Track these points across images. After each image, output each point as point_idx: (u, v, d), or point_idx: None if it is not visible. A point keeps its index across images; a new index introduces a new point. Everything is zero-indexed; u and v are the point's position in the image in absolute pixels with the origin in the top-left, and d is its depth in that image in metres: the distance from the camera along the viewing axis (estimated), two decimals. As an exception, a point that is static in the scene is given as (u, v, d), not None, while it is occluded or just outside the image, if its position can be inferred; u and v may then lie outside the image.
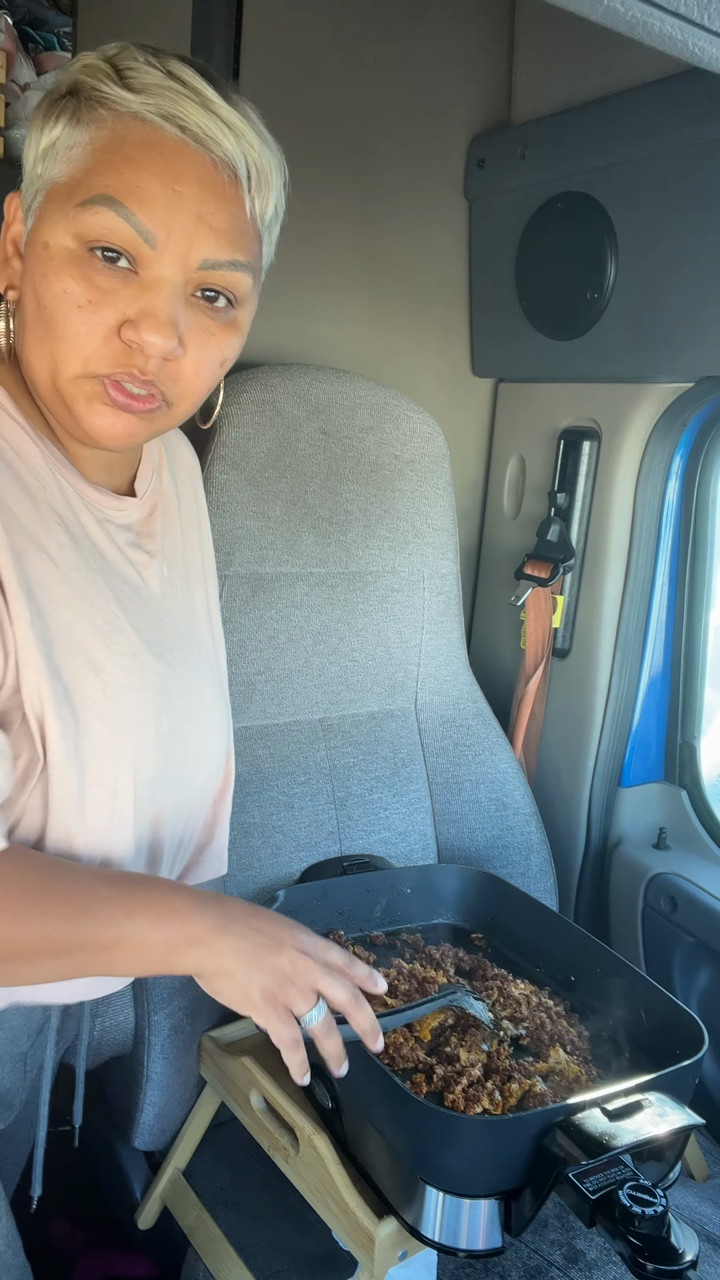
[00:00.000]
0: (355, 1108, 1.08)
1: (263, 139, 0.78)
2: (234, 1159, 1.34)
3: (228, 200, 0.76)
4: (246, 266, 0.79)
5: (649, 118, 1.41)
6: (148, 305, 0.74)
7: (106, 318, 0.74)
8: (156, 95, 0.73)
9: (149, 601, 0.87)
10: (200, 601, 0.97)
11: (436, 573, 1.60)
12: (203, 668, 0.93)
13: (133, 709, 0.80)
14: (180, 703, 0.87)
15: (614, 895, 1.74)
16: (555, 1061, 1.15)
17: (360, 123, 1.63)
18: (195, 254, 0.75)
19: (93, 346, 0.74)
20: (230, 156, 0.75)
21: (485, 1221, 0.98)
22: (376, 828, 1.53)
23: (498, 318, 1.78)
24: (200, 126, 0.73)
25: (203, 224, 0.74)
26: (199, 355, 0.79)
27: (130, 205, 0.72)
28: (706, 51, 0.64)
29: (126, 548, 0.87)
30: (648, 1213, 0.87)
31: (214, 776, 0.96)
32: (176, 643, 0.89)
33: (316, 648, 1.51)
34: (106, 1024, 1.27)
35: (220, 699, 0.96)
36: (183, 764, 0.88)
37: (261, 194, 0.79)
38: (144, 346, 0.74)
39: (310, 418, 1.43)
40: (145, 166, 0.72)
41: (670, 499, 1.65)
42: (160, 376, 0.77)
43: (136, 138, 0.73)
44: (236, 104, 0.76)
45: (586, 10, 0.59)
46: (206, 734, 0.92)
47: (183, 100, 0.73)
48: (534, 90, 1.69)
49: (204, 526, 1.02)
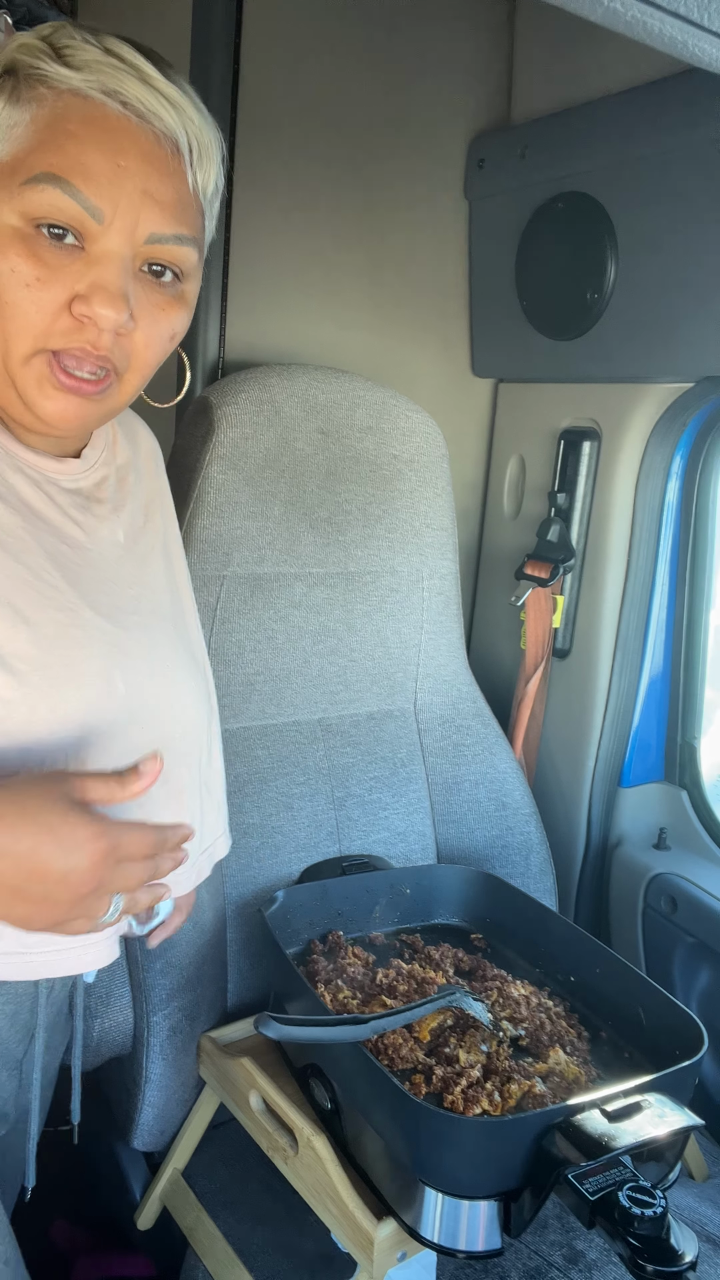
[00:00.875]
0: (354, 1109, 1.08)
1: (201, 113, 0.78)
2: (233, 1160, 1.34)
3: (171, 174, 0.77)
4: (192, 241, 0.80)
5: (649, 118, 1.41)
6: (97, 279, 0.74)
7: (56, 294, 0.74)
8: (96, 71, 0.73)
9: (97, 564, 0.87)
10: (159, 569, 0.97)
11: (436, 573, 1.60)
12: (166, 632, 0.92)
13: (74, 664, 0.80)
14: (141, 664, 0.86)
15: (614, 895, 1.74)
16: (555, 1062, 1.15)
17: (360, 123, 1.63)
18: (142, 228, 0.75)
19: (44, 323, 0.75)
20: (172, 130, 0.76)
21: (485, 1222, 0.98)
22: (376, 828, 1.53)
23: (498, 318, 1.78)
24: (141, 101, 0.74)
25: (148, 198, 0.75)
26: (149, 329, 0.79)
27: (76, 182, 0.72)
28: (706, 52, 0.64)
29: (71, 509, 0.87)
30: (647, 1214, 0.87)
31: (194, 740, 0.94)
32: (133, 606, 0.89)
33: (315, 648, 1.51)
34: (105, 1025, 1.27)
35: (192, 665, 0.95)
36: (154, 724, 0.87)
37: (204, 168, 0.80)
38: (96, 319, 0.75)
39: (309, 418, 1.43)
40: (88, 142, 0.73)
41: (670, 499, 1.65)
42: (113, 351, 0.77)
43: (78, 114, 0.73)
44: (174, 79, 0.76)
45: (586, 10, 0.59)
46: (178, 693, 0.91)
47: (122, 75, 0.73)
48: (534, 90, 1.69)
49: (166, 505, 1.02)
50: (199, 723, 0.94)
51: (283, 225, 1.59)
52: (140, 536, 0.95)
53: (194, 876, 0.99)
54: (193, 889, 1.03)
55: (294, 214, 1.60)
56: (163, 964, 1.27)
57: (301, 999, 1.19)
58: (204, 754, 0.97)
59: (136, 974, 1.27)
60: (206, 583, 1.39)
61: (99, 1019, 1.26)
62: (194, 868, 0.99)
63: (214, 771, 1.03)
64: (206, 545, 1.38)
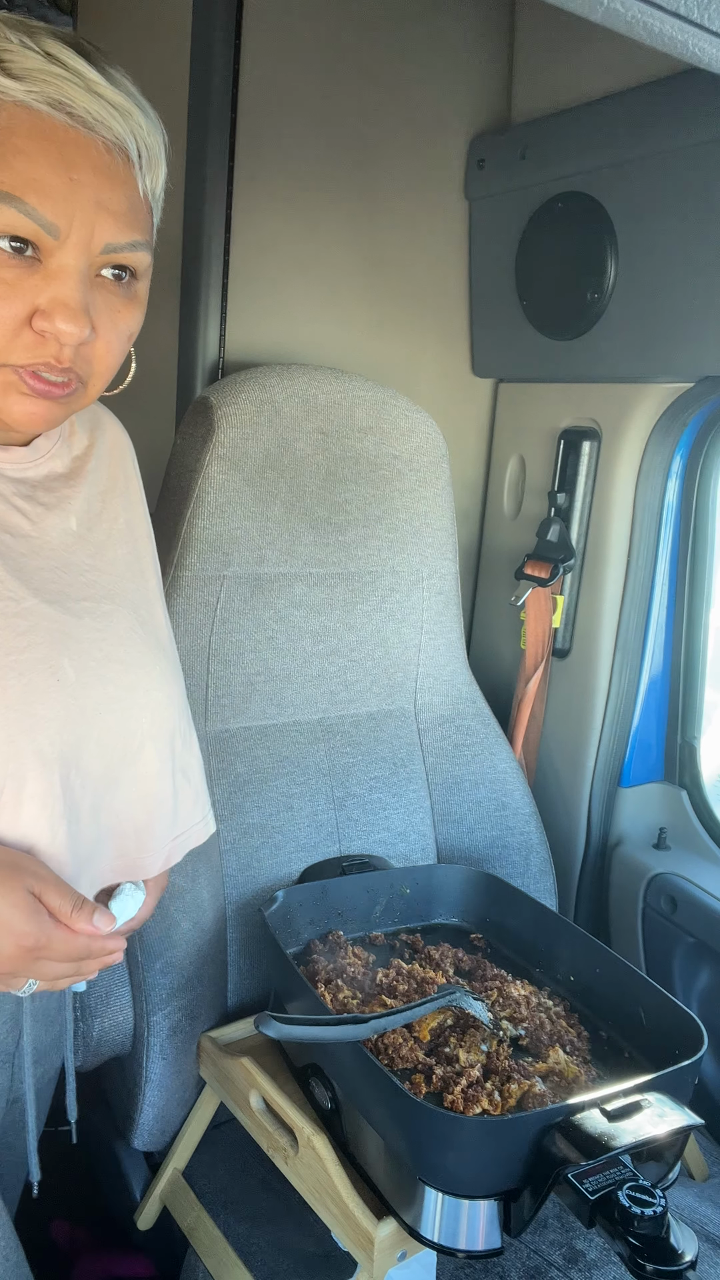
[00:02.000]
0: (354, 1108, 1.08)
1: (146, 115, 0.78)
2: (234, 1160, 1.34)
3: (122, 182, 0.76)
4: (144, 245, 0.80)
5: (649, 118, 1.41)
6: (57, 294, 0.75)
7: (16, 310, 0.74)
8: (40, 82, 0.72)
9: (43, 551, 0.87)
10: (123, 558, 0.96)
11: (436, 572, 1.60)
12: (124, 618, 0.92)
13: (16, 651, 0.80)
14: (94, 650, 0.86)
15: (614, 895, 1.74)
16: (554, 1062, 1.15)
17: (360, 122, 1.63)
18: (97, 239, 0.76)
19: (4, 339, 0.75)
20: (121, 138, 0.75)
21: (484, 1222, 0.98)
22: (376, 828, 1.53)
23: (498, 318, 1.78)
24: (89, 112, 0.73)
25: (102, 209, 0.75)
26: (109, 335, 0.80)
27: (31, 200, 0.72)
28: (706, 51, 0.64)
29: (15, 498, 0.87)
30: (647, 1213, 0.87)
31: (161, 724, 0.93)
32: (85, 593, 0.89)
33: (315, 648, 1.51)
34: (105, 1024, 1.27)
35: (156, 648, 0.95)
36: (114, 709, 0.87)
37: (153, 171, 0.80)
38: (58, 335, 0.75)
39: (309, 418, 1.43)
40: (38, 158, 0.72)
41: (670, 499, 1.65)
42: (76, 361, 0.78)
43: (25, 128, 0.72)
44: (117, 81, 0.75)
45: (586, 10, 0.59)
46: (138, 677, 0.90)
47: (68, 85, 0.72)
48: (534, 90, 1.69)
49: (131, 491, 1.02)
50: (166, 705, 0.93)
51: (283, 225, 1.59)
52: (97, 523, 0.95)
53: (162, 862, 0.97)
54: (164, 871, 1.02)
55: (294, 214, 1.60)
56: (163, 963, 1.27)
57: (302, 999, 1.19)
58: (176, 738, 0.95)
59: (136, 973, 1.27)
60: (206, 583, 1.39)
61: (99, 1018, 1.26)
62: (162, 853, 0.97)
63: (191, 755, 1.01)
64: (206, 545, 1.38)
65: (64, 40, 0.74)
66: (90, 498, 0.95)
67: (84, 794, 0.85)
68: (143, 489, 1.05)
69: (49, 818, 0.81)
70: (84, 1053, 1.26)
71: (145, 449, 1.06)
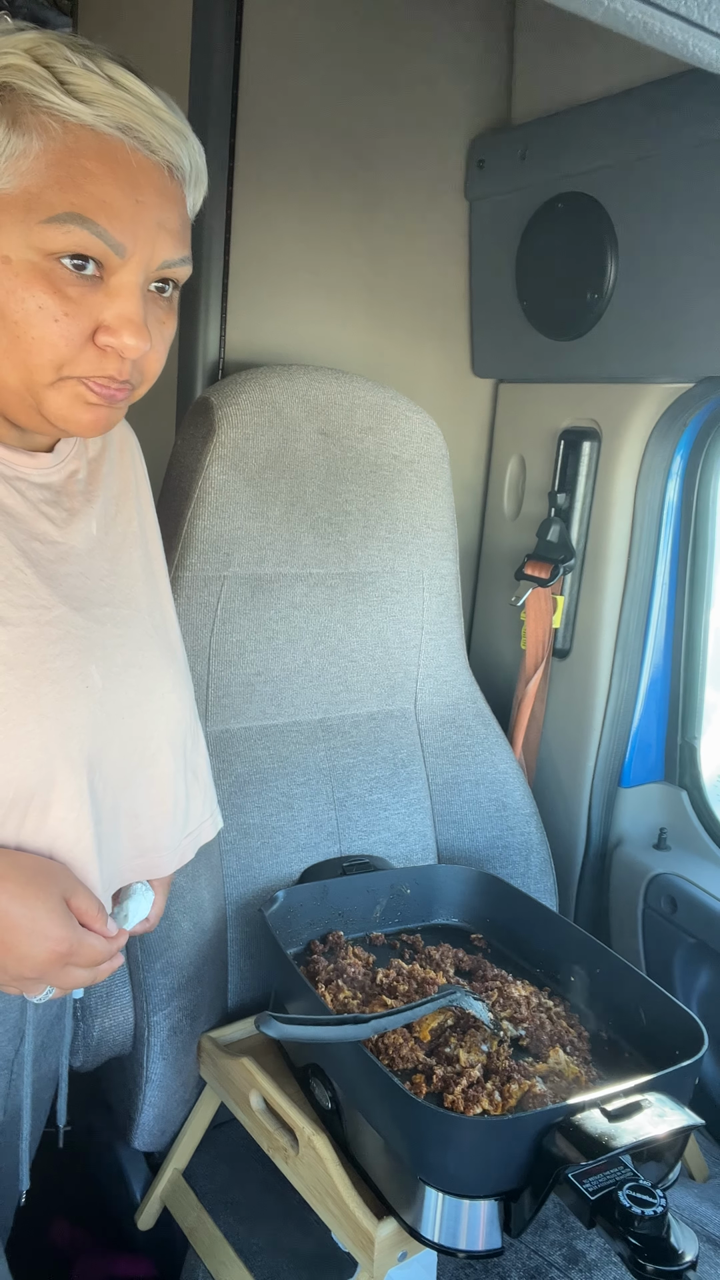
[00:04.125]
0: (355, 1108, 1.08)
1: (193, 135, 0.81)
2: (234, 1160, 1.34)
3: (178, 201, 0.80)
4: (189, 258, 0.83)
5: (649, 118, 1.41)
6: (123, 311, 0.77)
7: (82, 326, 0.76)
8: (109, 107, 0.74)
9: (70, 557, 0.89)
10: (138, 561, 0.98)
11: (436, 573, 1.60)
12: (141, 623, 0.94)
13: (49, 659, 0.81)
14: (117, 655, 0.88)
15: (614, 895, 1.74)
16: (555, 1062, 1.15)
17: (360, 123, 1.63)
18: (157, 257, 0.78)
19: (70, 353, 0.77)
20: (179, 160, 0.78)
21: (485, 1222, 0.98)
22: (376, 828, 1.53)
23: (498, 318, 1.78)
24: (154, 136, 0.76)
25: (161, 229, 0.78)
26: (158, 344, 0.82)
27: (101, 221, 0.74)
28: (706, 52, 0.64)
29: (42, 504, 0.88)
30: (647, 1213, 0.87)
31: (176, 725, 0.95)
32: (106, 598, 0.90)
33: (316, 648, 1.51)
34: (105, 1024, 1.27)
35: (168, 652, 0.96)
36: (134, 714, 0.88)
37: (198, 188, 0.83)
38: (123, 350, 0.77)
39: (309, 418, 1.43)
40: (107, 180, 0.74)
41: (670, 499, 1.65)
42: (132, 372, 0.81)
43: (94, 150, 0.74)
44: (169, 104, 0.78)
45: (586, 11, 0.59)
46: (155, 680, 0.92)
47: (134, 110, 0.75)
48: (534, 90, 1.69)
49: (141, 494, 1.03)
50: (179, 707, 0.96)
51: (283, 225, 1.59)
52: (112, 527, 0.96)
53: (176, 860, 0.99)
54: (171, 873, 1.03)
55: (294, 215, 1.60)
56: (163, 964, 1.27)
57: (302, 999, 1.19)
58: (188, 738, 0.98)
59: (137, 974, 1.28)
60: (207, 583, 1.39)
61: (99, 1019, 1.26)
62: (177, 851, 0.99)
63: (199, 755, 1.03)
64: (207, 545, 1.38)
65: (118, 62, 0.76)
66: (106, 501, 0.96)
67: (105, 796, 0.87)
68: (150, 489, 1.06)
69: (77, 821, 0.83)
70: (84, 1053, 1.26)
71: (146, 449, 1.06)
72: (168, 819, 0.95)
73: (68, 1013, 1.05)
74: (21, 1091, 0.97)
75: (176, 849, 0.99)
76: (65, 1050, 1.07)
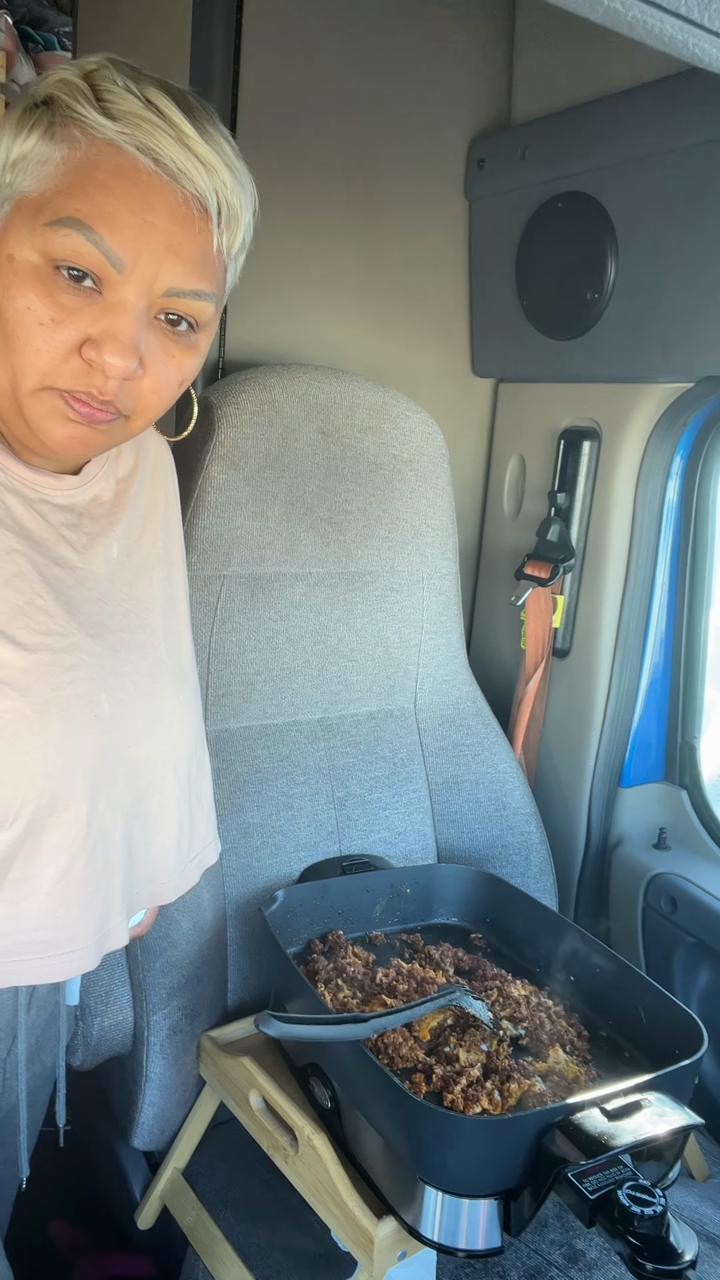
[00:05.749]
0: (354, 1108, 1.08)
1: (235, 174, 0.78)
2: (233, 1159, 1.34)
3: (196, 233, 0.77)
4: (210, 296, 0.80)
5: (649, 118, 1.41)
6: (110, 326, 0.75)
7: (68, 335, 0.75)
8: (133, 125, 0.73)
9: (88, 582, 0.88)
10: (158, 584, 0.97)
11: (436, 572, 1.60)
12: (155, 648, 0.93)
13: (60, 687, 0.80)
14: (128, 683, 0.87)
15: (614, 895, 1.74)
16: (554, 1061, 1.15)
17: (360, 123, 1.63)
18: (161, 281, 0.76)
19: (52, 363, 0.76)
20: (201, 192, 0.76)
21: (484, 1221, 0.98)
22: (376, 828, 1.53)
23: (498, 318, 1.78)
24: (174, 161, 0.74)
25: (171, 253, 0.76)
26: (158, 375, 0.80)
27: (100, 230, 0.73)
28: (707, 52, 0.64)
29: (64, 529, 0.87)
30: (647, 1213, 0.87)
31: (183, 750, 0.95)
32: (122, 623, 0.90)
33: (316, 648, 1.51)
34: (105, 1024, 1.27)
35: (180, 678, 0.95)
36: (141, 740, 0.87)
37: (231, 229, 0.80)
38: (104, 367, 0.75)
39: (309, 418, 1.43)
40: (117, 194, 0.73)
41: (670, 499, 1.65)
42: (119, 395, 0.78)
43: (110, 164, 0.74)
44: (211, 137, 0.76)
45: (586, 10, 0.59)
46: (165, 707, 0.91)
47: (159, 133, 0.74)
48: (534, 90, 1.69)
49: (170, 513, 1.02)
50: (187, 732, 0.95)
51: (283, 225, 1.59)
52: (135, 549, 0.95)
53: (182, 884, 0.99)
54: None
55: (294, 214, 1.60)
56: (163, 963, 1.27)
57: (302, 998, 1.19)
58: (193, 762, 0.97)
59: (136, 973, 1.28)
60: (207, 583, 1.39)
61: (99, 1018, 1.26)
62: (182, 875, 0.99)
63: (204, 777, 1.03)
64: (207, 545, 1.38)
65: (168, 92, 0.75)
66: (131, 522, 0.95)
67: (114, 826, 0.86)
68: (180, 508, 1.05)
69: (69, 851, 0.82)
70: (84, 1052, 1.26)
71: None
72: (172, 844, 0.95)
73: (62, 1014, 1.05)
74: (16, 1091, 0.97)
75: (181, 872, 0.98)
76: (62, 1050, 1.07)
